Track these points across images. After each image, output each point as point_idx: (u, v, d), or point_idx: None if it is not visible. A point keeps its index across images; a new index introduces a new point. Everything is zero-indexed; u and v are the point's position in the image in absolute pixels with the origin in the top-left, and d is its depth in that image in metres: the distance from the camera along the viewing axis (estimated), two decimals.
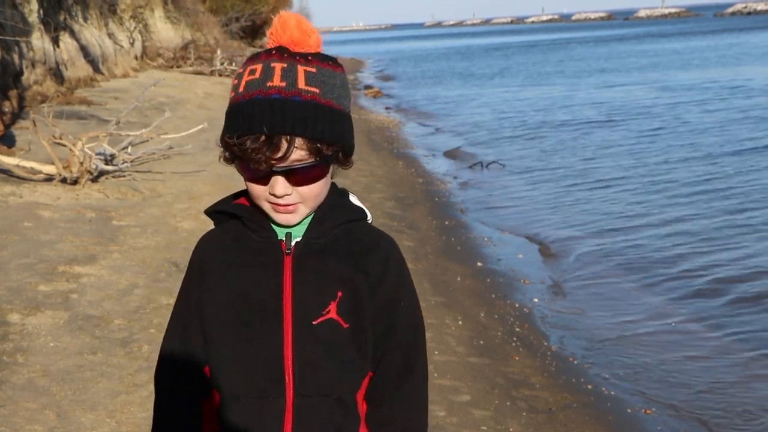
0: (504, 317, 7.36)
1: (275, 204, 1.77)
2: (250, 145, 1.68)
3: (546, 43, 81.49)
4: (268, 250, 1.83)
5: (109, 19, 24.85)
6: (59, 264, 7.05)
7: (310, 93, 1.70)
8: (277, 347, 1.78)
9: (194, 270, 1.90)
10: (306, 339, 1.78)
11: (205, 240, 1.92)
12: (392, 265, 1.88)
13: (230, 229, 1.88)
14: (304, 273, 1.81)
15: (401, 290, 1.90)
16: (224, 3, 44.03)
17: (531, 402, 5.64)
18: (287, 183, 1.73)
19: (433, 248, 9.40)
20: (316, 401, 1.80)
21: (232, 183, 1.88)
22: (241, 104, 1.71)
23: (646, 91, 28.02)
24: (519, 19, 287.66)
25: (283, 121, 1.67)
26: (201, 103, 20.17)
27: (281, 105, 1.68)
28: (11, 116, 13.54)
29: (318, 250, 1.83)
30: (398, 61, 61.43)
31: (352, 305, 1.82)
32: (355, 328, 1.82)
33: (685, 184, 13.25)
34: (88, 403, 4.70)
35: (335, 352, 1.80)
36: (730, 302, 7.90)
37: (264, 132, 1.67)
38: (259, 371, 1.79)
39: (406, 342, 1.91)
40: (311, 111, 1.69)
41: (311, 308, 1.80)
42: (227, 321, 1.82)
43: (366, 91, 32.98)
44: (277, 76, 1.70)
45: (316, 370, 1.79)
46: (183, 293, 1.93)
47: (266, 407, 1.79)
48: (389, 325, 1.88)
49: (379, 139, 18.60)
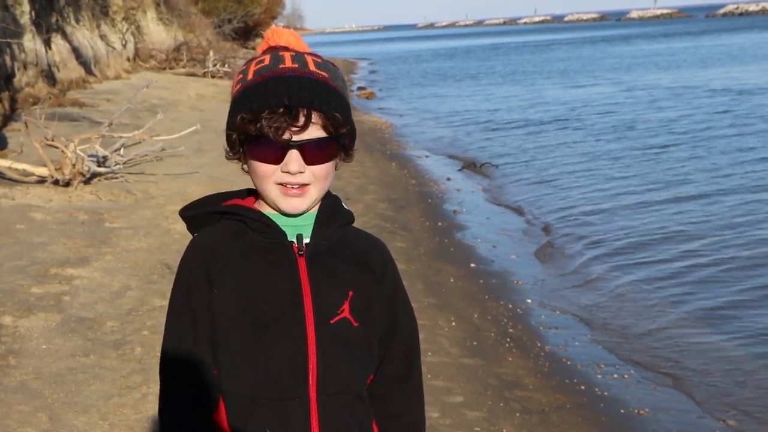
0: (497, 318, 7.37)
1: (286, 186, 1.79)
2: (268, 116, 1.73)
3: (533, 44, 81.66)
4: (278, 251, 1.84)
5: (102, 20, 24.80)
6: (51, 266, 7.03)
7: (320, 75, 1.79)
8: (300, 347, 1.79)
9: (196, 275, 1.83)
10: (326, 338, 1.81)
11: (203, 245, 1.86)
12: (390, 265, 1.96)
13: (226, 231, 1.86)
14: (318, 273, 1.84)
15: (399, 289, 1.98)
16: (217, 4, 44.01)
17: (524, 403, 5.64)
18: (301, 159, 1.76)
19: (426, 249, 9.41)
20: (338, 399, 1.83)
21: (225, 185, 1.87)
22: (254, 85, 1.77)
23: (609, 90, 28.10)
24: (511, 20, 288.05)
25: (300, 93, 1.73)
26: (194, 105, 20.15)
27: (297, 80, 1.75)
28: (3, 118, 13.50)
29: (325, 251, 1.86)
30: (391, 62, 61.42)
31: (363, 304, 1.87)
32: (365, 326, 1.87)
33: (686, 188, 13.29)
34: (81, 405, 4.69)
35: (350, 350, 1.84)
36: (729, 302, 7.90)
37: (284, 103, 1.72)
38: (281, 372, 1.79)
39: (407, 339, 1.99)
40: (324, 89, 1.77)
41: (328, 307, 1.83)
42: (243, 324, 1.80)
43: (359, 93, 32.98)
44: (288, 60, 1.79)
45: (337, 368, 1.82)
46: (183, 300, 1.85)
47: (290, 408, 1.80)
48: (392, 323, 1.95)
49: (372, 140, 18.60)
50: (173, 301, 1.88)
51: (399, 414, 1.98)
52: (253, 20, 48.68)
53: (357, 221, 2.00)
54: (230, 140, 1.83)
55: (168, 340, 1.88)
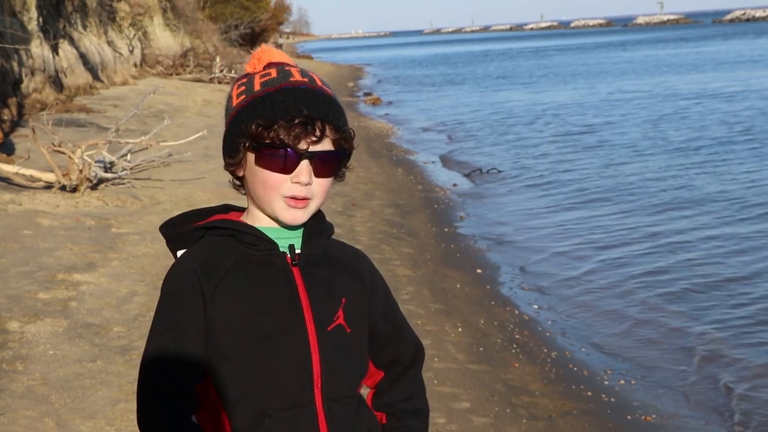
0: (503, 324, 7.36)
1: (292, 198, 1.80)
2: (286, 124, 1.75)
3: (530, 50, 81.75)
4: (271, 262, 1.84)
5: (109, 26, 24.89)
6: (58, 272, 7.05)
7: (328, 91, 1.83)
8: (305, 355, 1.81)
9: (188, 296, 1.80)
10: (326, 344, 1.83)
11: (194, 262, 1.83)
12: (376, 272, 2.02)
13: (215, 247, 1.85)
14: (313, 282, 1.86)
15: (389, 293, 2.04)
16: (223, 11, 44.14)
17: (531, 409, 5.63)
18: (311, 171, 1.79)
19: (433, 255, 9.40)
20: (343, 403, 1.86)
21: (231, 191, 1.87)
22: (266, 95, 1.78)
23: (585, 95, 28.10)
24: (518, 26, 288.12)
25: (318, 105, 1.77)
26: (200, 111, 20.18)
27: (311, 93, 1.78)
28: (10, 124, 13.56)
29: (317, 260, 1.89)
30: (397, 68, 61.46)
31: (354, 311, 1.90)
32: (356, 332, 1.90)
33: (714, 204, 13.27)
34: (88, 411, 4.70)
35: (347, 355, 1.87)
36: (738, 312, 7.87)
37: (303, 113, 1.75)
38: (289, 381, 1.80)
39: (410, 336, 2.05)
40: (335, 105, 1.81)
41: (325, 315, 1.85)
42: (247, 336, 1.79)
43: (365, 98, 33.01)
44: (297, 74, 1.82)
45: (338, 373, 1.84)
46: (172, 319, 1.81)
47: (299, 416, 1.80)
48: (395, 325, 2.02)
49: (378, 146, 18.61)
50: (159, 320, 1.83)
51: (408, 397, 2.03)
52: (260, 26, 48.78)
53: (364, 227, 2.02)
54: (235, 149, 1.82)
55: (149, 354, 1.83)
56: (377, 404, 2.02)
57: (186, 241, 1.90)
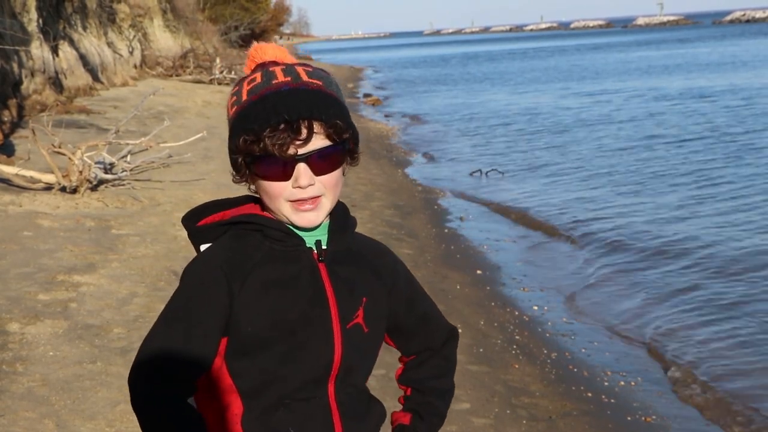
0: (504, 325, 7.36)
1: (298, 202, 1.79)
2: (270, 134, 1.72)
3: (521, 51, 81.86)
4: (297, 258, 1.84)
5: (108, 28, 24.89)
6: (58, 273, 7.05)
7: (314, 84, 1.78)
8: (329, 351, 1.83)
9: (213, 290, 1.79)
10: (347, 341, 1.85)
11: (222, 258, 1.82)
12: (400, 266, 2.02)
13: (242, 241, 1.85)
14: (338, 279, 1.87)
15: (415, 284, 2.05)
16: (223, 12, 44.20)
17: (531, 410, 5.63)
18: (310, 172, 1.77)
19: (433, 256, 9.40)
20: (356, 398, 1.89)
21: (231, 192, 1.87)
22: (250, 105, 1.76)
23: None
24: (518, 27, 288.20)
25: (299, 105, 1.73)
26: (200, 112, 20.19)
27: (293, 93, 1.75)
28: (10, 125, 13.55)
29: (342, 257, 1.89)
30: (397, 69, 61.47)
31: (373, 311, 1.91)
32: (372, 332, 1.92)
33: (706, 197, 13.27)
34: (88, 412, 4.70)
35: (363, 354, 1.90)
36: (740, 312, 7.86)
37: (284, 119, 1.72)
38: (311, 374, 1.82)
39: (439, 322, 2.07)
40: (321, 97, 1.76)
41: (347, 312, 1.86)
42: (274, 331, 1.79)
43: (365, 100, 33.01)
44: (280, 74, 1.79)
45: (353, 370, 1.87)
46: (187, 310, 1.81)
47: (312, 406, 1.83)
48: (421, 314, 2.04)
49: (378, 147, 18.62)
50: (172, 308, 1.83)
51: (435, 377, 2.07)
52: (260, 27, 48.83)
53: (363, 228, 2.02)
54: (236, 164, 1.81)
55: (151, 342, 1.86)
56: (404, 378, 2.07)
57: (207, 235, 1.90)
